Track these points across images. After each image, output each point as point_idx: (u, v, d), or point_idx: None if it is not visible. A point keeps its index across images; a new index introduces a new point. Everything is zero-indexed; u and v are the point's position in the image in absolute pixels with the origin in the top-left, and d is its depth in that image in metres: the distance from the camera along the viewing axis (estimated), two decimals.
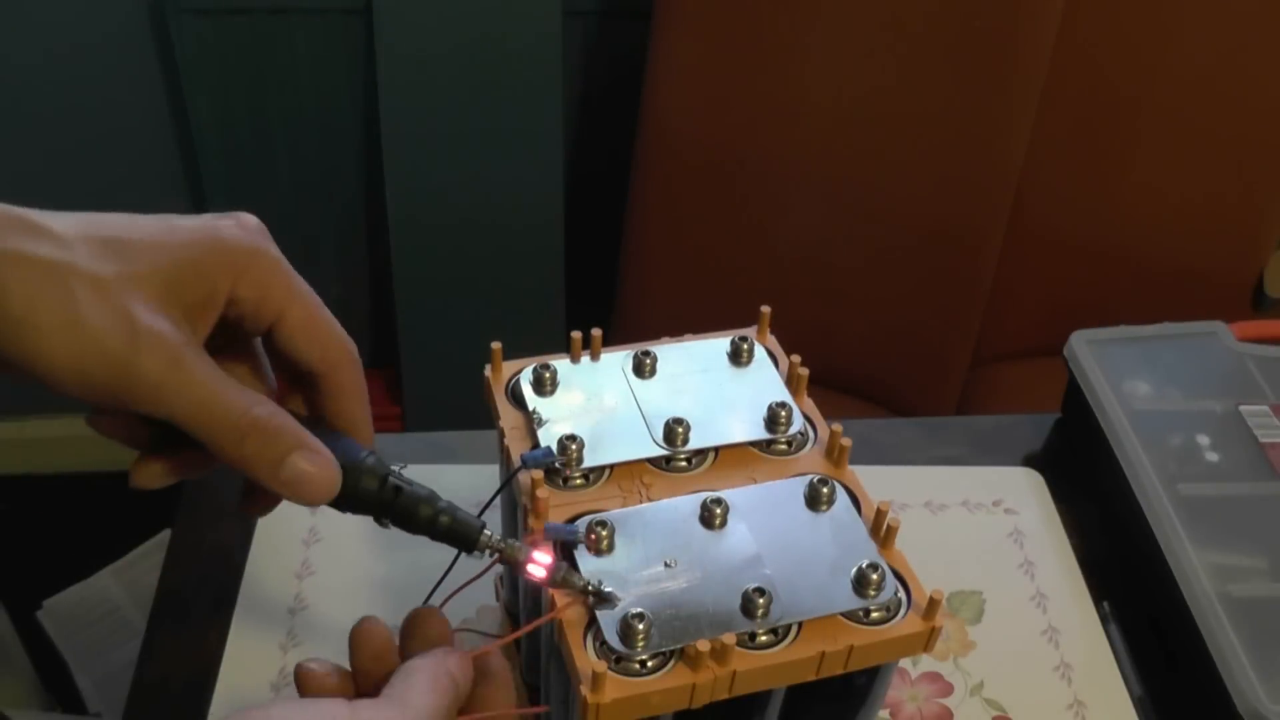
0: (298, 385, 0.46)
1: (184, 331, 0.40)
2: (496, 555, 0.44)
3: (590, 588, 0.43)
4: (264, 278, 0.42)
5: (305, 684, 0.42)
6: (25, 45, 1.32)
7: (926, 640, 0.44)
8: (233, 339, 0.44)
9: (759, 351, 0.54)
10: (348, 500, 0.43)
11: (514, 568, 0.44)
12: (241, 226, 0.42)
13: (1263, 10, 1.15)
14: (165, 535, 1.35)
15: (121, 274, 0.38)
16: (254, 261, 0.42)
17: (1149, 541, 0.67)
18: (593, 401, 0.51)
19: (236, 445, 0.40)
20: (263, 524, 0.70)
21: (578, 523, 0.46)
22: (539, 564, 0.43)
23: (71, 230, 0.38)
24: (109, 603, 1.42)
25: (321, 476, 0.41)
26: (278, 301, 0.42)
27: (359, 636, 0.43)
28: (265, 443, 0.40)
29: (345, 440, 0.45)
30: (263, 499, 0.46)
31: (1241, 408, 0.74)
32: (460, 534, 0.44)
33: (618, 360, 0.53)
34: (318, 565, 0.68)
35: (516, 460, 0.48)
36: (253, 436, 0.40)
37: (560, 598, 0.44)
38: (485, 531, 0.44)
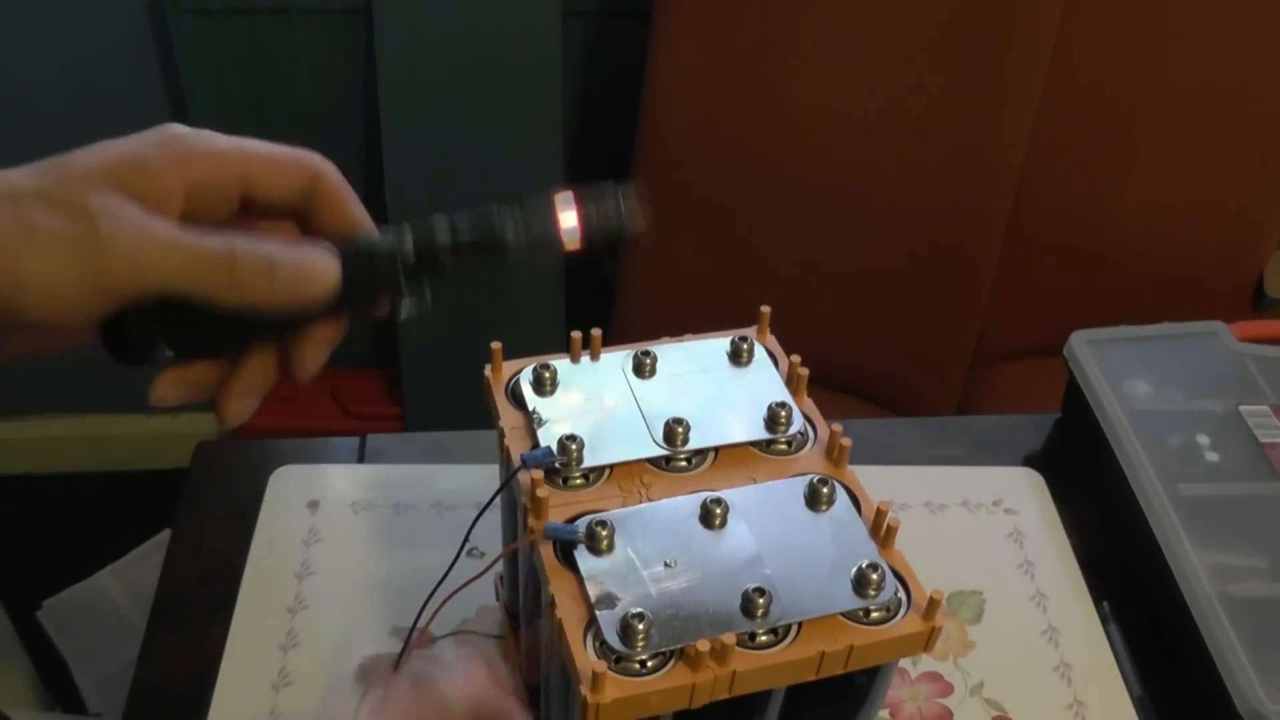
0: (282, 223, 0.46)
1: (140, 206, 0.40)
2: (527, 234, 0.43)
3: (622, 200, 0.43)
4: (206, 154, 0.42)
5: None
6: (25, 45, 1.32)
7: (926, 640, 0.44)
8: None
9: (759, 351, 0.54)
10: (365, 278, 0.42)
11: (550, 227, 0.43)
12: (169, 127, 0.42)
13: (1259, 14, 1.15)
14: (165, 535, 1.35)
15: (65, 179, 0.39)
16: (191, 144, 0.41)
17: (1149, 541, 0.67)
18: (592, 401, 0.51)
19: (228, 278, 0.40)
20: (262, 524, 0.70)
21: (578, 522, 0.46)
22: (569, 209, 0.43)
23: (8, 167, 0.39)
24: (109, 603, 1.42)
25: (315, 263, 0.41)
26: (233, 170, 0.42)
27: None
28: (252, 260, 0.40)
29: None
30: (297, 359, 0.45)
31: (1241, 408, 0.74)
32: (487, 241, 0.42)
33: (617, 360, 0.53)
34: (317, 565, 0.68)
35: (517, 460, 0.48)
36: (239, 261, 0.40)
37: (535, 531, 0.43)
38: (507, 222, 0.43)
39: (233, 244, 0.40)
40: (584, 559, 0.45)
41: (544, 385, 0.52)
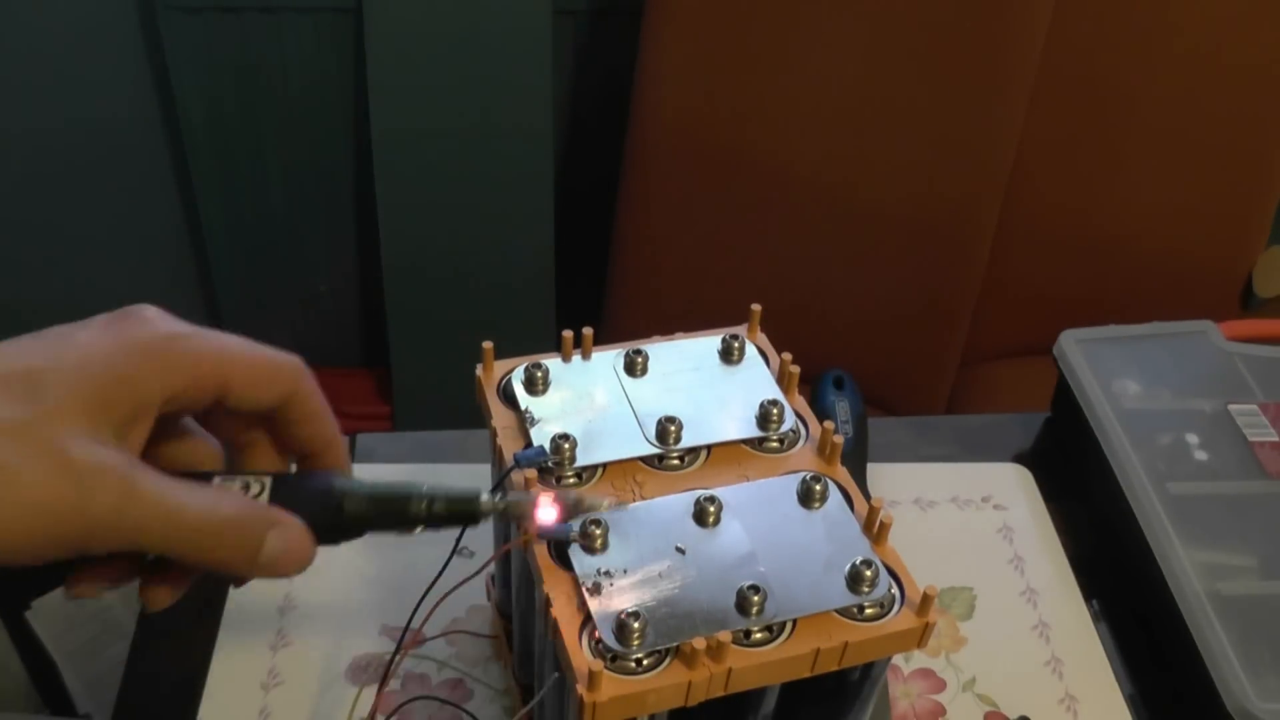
0: (252, 428, 0.44)
1: (124, 451, 0.37)
2: (500, 515, 0.43)
3: (607, 505, 0.43)
4: (191, 363, 0.39)
5: None
6: (13, 43, 1.32)
7: (920, 636, 0.44)
8: (164, 422, 0.41)
9: (750, 350, 0.54)
10: (334, 532, 0.42)
11: (520, 521, 0.43)
12: (143, 320, 0.40)
13: (1248, 13, 1.15)
14: None
15: (42, 412, 0.35)
16: (173, 349, 0.39)
17: (1138, 540, 0.67)
18: (585, 400, 0.51)
19: (211, 551, 0.38)
20: None
21: (571, 521, 0.46)
22: (547, 508, 0.43)
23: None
24: (99, 603, 1.41)
25: (297, 550, 0.40)
26: (213, 377, 0.40)
27: None
28: (239, 539, 0.38)
29: (308, 475, 0.44)
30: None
31: (1230, 407, 0.74)
32: (459, 512, 0.43)
33: (609, 359, 0.53)
34: None
35: (509, 459, 0.48)
36: (226, 536, 0.38)
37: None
38: (483, 498, 0.43)
39: (223, 514, 0.38)
40: (578, 558, 0.45)
41: (536, 384, 0.52)
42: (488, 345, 0.53)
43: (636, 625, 0.41)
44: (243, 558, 0.39)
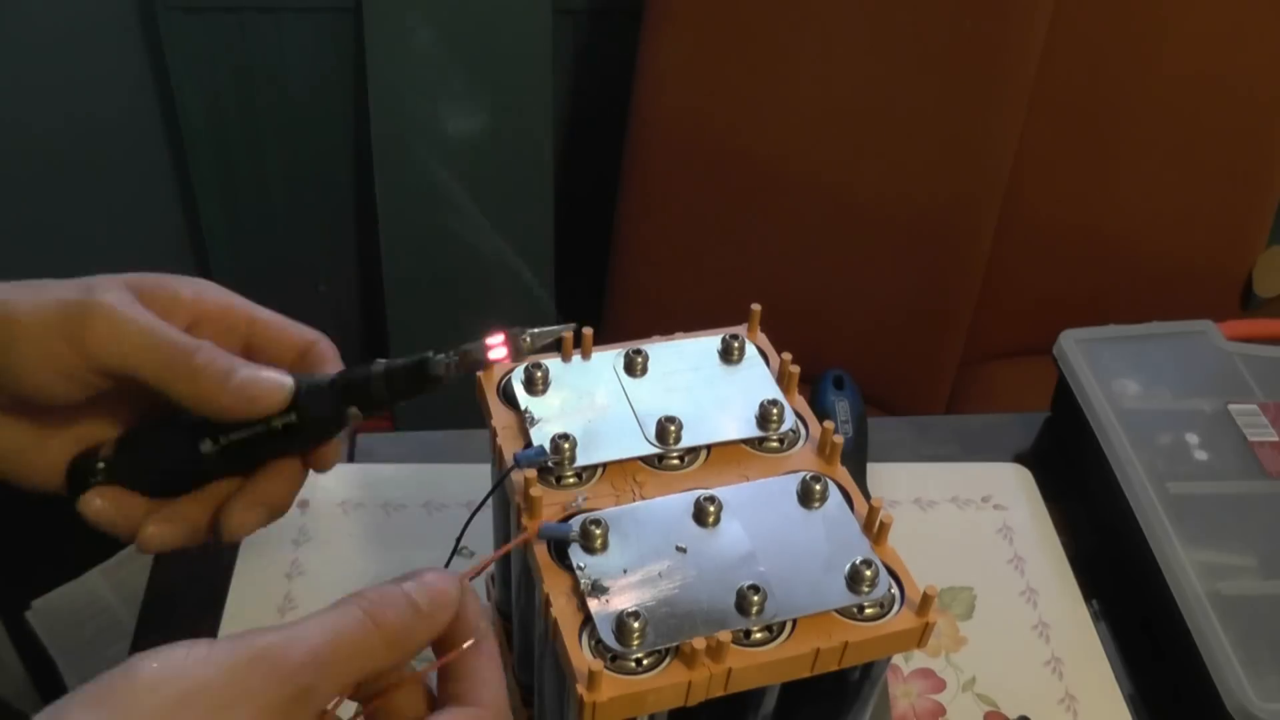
0: None
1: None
2: (459, 368, 0.46)
3: (554, 332, 0.47)
4: (223, 300, 0.49)
5: None
6: (13, 43, 1.32)
7: (920, 635, 0.44)
8: None
9: (750, 349, 0.54)
10: (301, 416, 0.45)
11: (480, 366, 0.46)
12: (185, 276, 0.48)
13: (1247, 13, 1.15)
14: None
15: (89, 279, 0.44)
16: (209, 286, 0.48)
17: (1138, 540, 0.67)
18: (585, 400, 0.51)
19: (188, 371, 0.43)
20: None
21: (571, 521, 0.46)
22: (495, 345, 0.46)
23: None
24: (99, 603, 1.41)
25: (270, 378, 0.45)
26: (242, 319, 0.49)
27: None
28: (212, 361, 0.44)
29: None
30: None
31: (1230, 406, 0.74)
32: (417, 374, 0.45)
33: (609, 359, 0.53)
34: (307, 565, 0.68)
35: (509, 459, 0.48)
36: (201, 358, 0.43)
37: (528, 523, 0.45)
38: (435, 356, 0.45)
39: (199, 343, 0.44)
40: (578, 558, 0.45)
41: (536, 384, 0.52)
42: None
43: (636, 625, 0.41)
44: (215, 375, 0.44)
